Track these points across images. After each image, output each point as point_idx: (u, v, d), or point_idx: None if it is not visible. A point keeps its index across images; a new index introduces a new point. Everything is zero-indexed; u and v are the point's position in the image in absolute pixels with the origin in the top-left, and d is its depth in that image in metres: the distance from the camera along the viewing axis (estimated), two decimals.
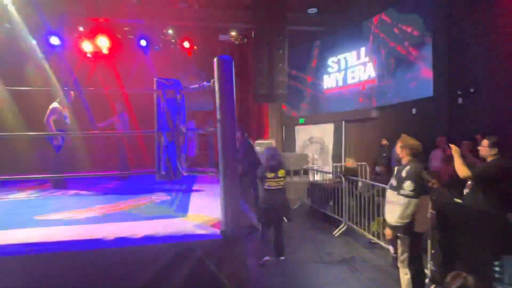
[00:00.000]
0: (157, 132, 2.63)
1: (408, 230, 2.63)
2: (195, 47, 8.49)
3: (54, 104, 4.23)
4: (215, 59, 2.27)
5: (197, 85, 2.64)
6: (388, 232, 2.77)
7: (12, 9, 6.08)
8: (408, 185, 2.60)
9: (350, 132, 8.49)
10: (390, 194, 2.80)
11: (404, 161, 2.78)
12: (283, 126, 9.50)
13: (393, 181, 2.79)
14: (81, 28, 7.48)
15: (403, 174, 2.68)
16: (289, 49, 7.82)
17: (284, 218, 4.05)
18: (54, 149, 4.18)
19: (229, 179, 2.26)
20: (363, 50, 7.96)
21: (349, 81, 8.35)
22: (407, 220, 2.60)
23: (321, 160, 8.96)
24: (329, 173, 7.31)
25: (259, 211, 3.79)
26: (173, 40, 8.31)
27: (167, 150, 2.60)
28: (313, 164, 8.57)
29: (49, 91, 4.85)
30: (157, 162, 2.71)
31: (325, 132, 8.99)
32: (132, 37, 7.86)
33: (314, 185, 6.49)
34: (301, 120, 9.35)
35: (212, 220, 2.55)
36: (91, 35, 7.36)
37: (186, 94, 3.02)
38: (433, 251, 3.17)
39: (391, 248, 3.80)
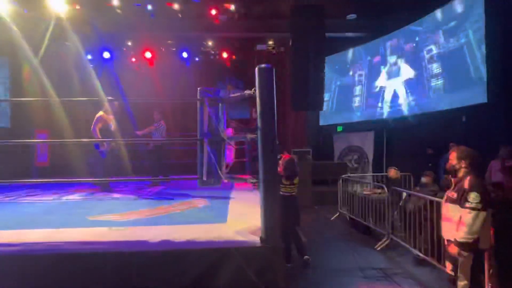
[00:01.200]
0: (199, 139, 2.73)
1: (474, 247, 2.41)
2: (233, 57, 8.74)
3: (100, 113, 4.62)
4: (256, 68, 2.31)
5: (238, 94, 2.70)
6: (453, 249, 2.50)
7: (69, 28, 6.74)
8: (474, 197, 2.38)
9: (392, 140, 8.10)
10: (449, 208, 2.58)
11: (461, 172, 2.56)
12: (320, 135, 9.34)
13: (452, 194, 2.57)
14: (129, 43, 8.07)
15: (466, 185, 2.46)
16: (328, 56, 7.73)
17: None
18: (100, 154, 4.53)
19: (269, 187, 2.26)
20: (400, 53, 7.64)
21: (388, 88, 8.02)
22: (475, 236, 2.38)
23: (361, 169, 8.64)
24: (370, 183, 7.01)
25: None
26: (212, 51, 8.64)
27: (208, 157, 2.68)
28: (352, 173, 8.28)
29: (97, 101, 5.33)
30: (199, 169, 2.80)
31: (364, 140, 8.67)
32: (174, 49, 8.31)
33: (353, 195, 6.26)
34: (339, 128, 9.13)
35: (251, 227, 2.56)
36: (139, 49, 7.91)
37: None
38: (491, 271, 2.88)
39: (448, 265, 3.52)
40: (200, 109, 2.76)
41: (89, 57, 7.99)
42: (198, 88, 2.82)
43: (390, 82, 8.10)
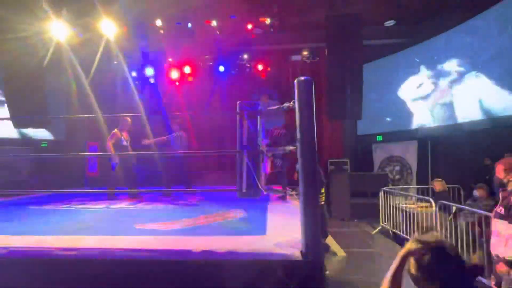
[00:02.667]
0: (239, 151, 2.79)
1: None
2: (268, 69, 8.87)
3: (114, 130, 5.14)
4: (295, 81, 2.34)
5: (277, 107, 2.74)
6: (502, 267, 2.36)
7: (117, 48, 7.32)
8: None
9: (438, 149, 7.62)
10: (498, 224, 2.43)
11: (510, 186, 2.43)
12: (359, 144, 9.05)
13: (500, 209, 2.43)
14: (170, 59, 8.55)
15: None
16: (366, 63, 7.56)
17: None
18: (111, 167, 5.01)
19: (310, 199, 2.24)
20: (447, 58, 7.21)
21: (434, 93, 7.60)
22: None
23: (403, 181, 8.20)
24: (414, 195, 6.63)
25: None
26: (247, 64, 8.85)
27: (247, 168, 2.73)
28: (393, 185, 7.89)
29: (139, 116, 5.75)
30: (238, 180, 2.85)
31: (406, 150, 8.25)
32: (211, 64, 8.65)
33: (396, 209, 5.95)
34: (379, 138, 8.79)
35: (291, 240, 2.54)
36: (178, 64, 8.36)
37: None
38: None
39: (492, 280, 3.23)
40: (239, 122, 2.83)
41: (134, 74, 8.59)
42: (238, 102, 2.90)
43: (435, 87, 7.69)
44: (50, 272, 2.26)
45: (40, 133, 8.10)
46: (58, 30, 6.02)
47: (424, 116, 7.85)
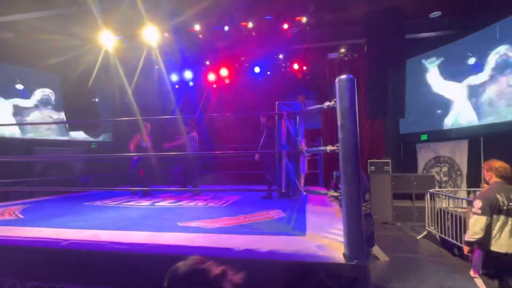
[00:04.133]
0: (278, 152, 2.80)
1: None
2: (304, 68, 8.77)
3: (136, 134, 5.95)
4: (336, 80, 2.29)
5: (316, 106, 2.70)
6: (465, 250, 2.99)
7: (159, 54, 7.72)
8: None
9: (492, 149, 6.99)
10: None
11: (490, 183, 3.09)
12: (401, 144, 8.61)
13: None
14: (207, 62, 8.81)
15: None
16: (409, 59, 7.17)
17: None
18: (131, 166, 5.95)
19: (353, 201, 2.18)
20: (502, 48, 6.59)
21: (487, 88, 6.99)
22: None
23: (452, 183, 7.65)
24: (465, 199, 6.15)
25: None
26: (283, 64, 8.82)
27: (287, 169, 2.72)
28: (440, 187, 7.40)
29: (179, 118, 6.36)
30: (277, 180, 2.86)
31: (456, 150, 7.69)
32: (247, 65, 8.76)
33: (444, 212, 5.57)
34: (424, 137, 8.28)
35: (333, 242, 2.49)
36: (215, 67, 8.59)
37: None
38: None
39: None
40: (278, 122, 2.84)
41: (174, 78, 8.99)
42: (277, 102, 2.91)
43: (487, 81, 7.08)
44: (105, 263, 2.45)
45: (91, 135, 8.81)
46: (105, 39, 6.50)
47: (475, 112, 7.25)
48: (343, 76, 2.26)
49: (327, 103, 2.43)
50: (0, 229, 2.90)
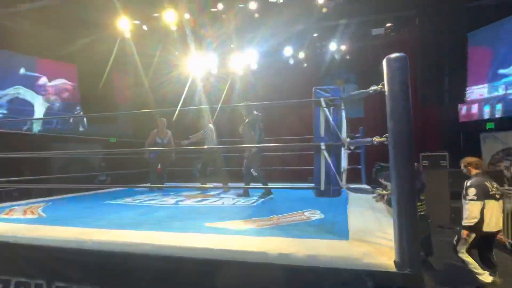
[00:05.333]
0: (315, 144, 2.77)
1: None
2: (342, 47, 8.56)
3: (152, 131, 6.47)
4: (385, 59, 2.22)
5: (360, 92, 2.64)
6: (464, 233, 3.81)
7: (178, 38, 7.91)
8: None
9: None
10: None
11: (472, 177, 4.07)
12: (461, 134, 8.18)
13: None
14: (232, 45, 8.86)
15: None
16: (470, 32, 6.75)
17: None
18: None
19: (405, 201, 2.12)
20: None
21: None
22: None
23: None
24: None
25: None
26: (318, 44, 8.67)
27: (326, 164, 2.69)
28: (511, 185, 6.97)
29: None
30: (315, 177, 2.84)
31: None
32: (278, 47, 8.72)
33: None
34: (490, 125, 7.79)
35: (380, 247, 2.44)
36: (243, 50, 8.63)
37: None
38: None
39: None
40: (316, 110, 2.80)
41: (195, 64, 9.15)
42: (314, 88, 2.87)
43: None
44: (129, 266, 2.58)
45: (109, 130, 9.25)
46: (123, 24, 6.76)
47: None
48: (393, 55, 2.18)
49: (373, 87, 2.36)
50: (23, 228, 3.15)
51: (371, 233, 2.81)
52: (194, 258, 2.44)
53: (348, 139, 2.95)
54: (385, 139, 2.26)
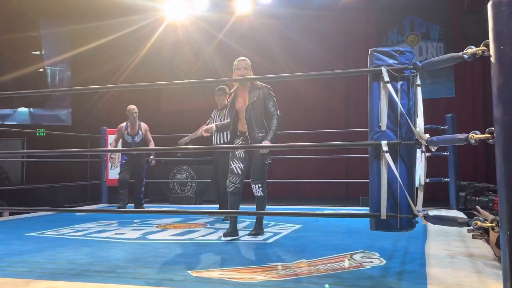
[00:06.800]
0: (373, 143, 2.75)
1: None
2: None
3: (120, 125, 6.83)
4: (489, 3, 2.22)
5: (447, 55, 2.61)
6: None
7: None
8: None
9: None
10: None
11: None
12: None
13: None
14: None
15: None
16: None
17: None
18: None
19: None
20: None
21: None
22: None
23: None
24: None
25: None
26: None
27: (391, 175, 2.67)
28: None
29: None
30: (371, 197, 2.82)
31: None
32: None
33: None
34: None
35: None
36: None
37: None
38: None
39: None
40: (373, 87, 2.78)
41: None
42: (370, 50, 2.85)
43: None
44: None
45: (36, 117, 9.42)
46: None
47: None
48: None
49: (470, 49, 2.34)
50: None
51: (459, 284, 2.83)
52: None
53: (427, 135, 2.92)
54: (489, 135, 2.25)
